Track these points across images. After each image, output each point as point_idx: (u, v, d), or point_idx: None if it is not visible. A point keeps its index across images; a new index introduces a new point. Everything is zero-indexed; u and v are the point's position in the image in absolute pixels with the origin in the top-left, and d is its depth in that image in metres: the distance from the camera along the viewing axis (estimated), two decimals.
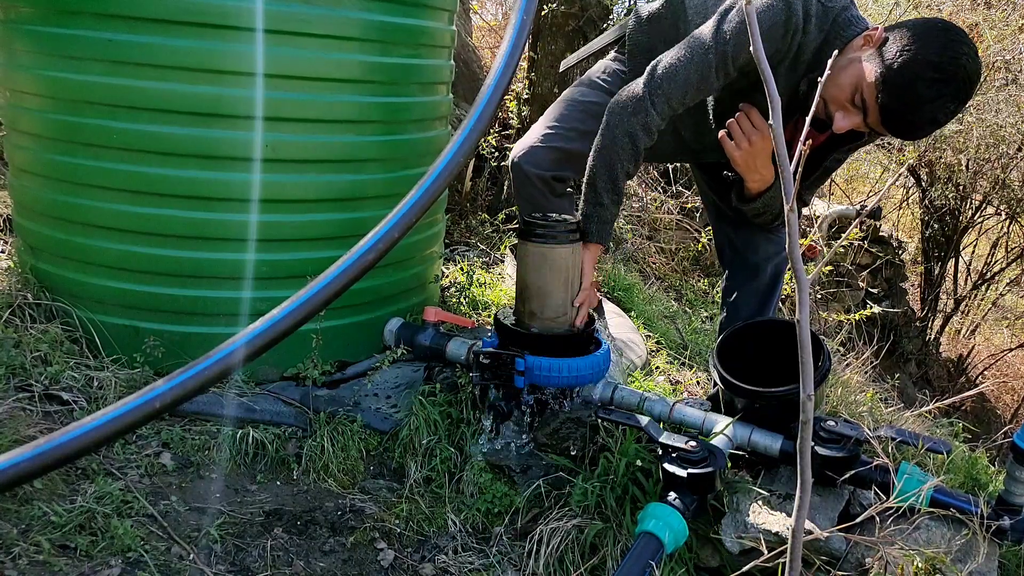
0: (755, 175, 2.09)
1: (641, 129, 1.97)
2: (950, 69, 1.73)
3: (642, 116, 1.96)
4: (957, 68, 1.73)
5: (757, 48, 1.02)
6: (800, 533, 1.11)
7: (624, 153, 1.99)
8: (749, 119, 2.02)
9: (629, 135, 1.97)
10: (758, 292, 2.39)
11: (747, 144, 2.03)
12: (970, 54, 1.74)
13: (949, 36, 1.75)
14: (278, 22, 1.99)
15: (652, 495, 1.80)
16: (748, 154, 2.05)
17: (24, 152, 2.22)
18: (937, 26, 1.78)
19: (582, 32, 4.39)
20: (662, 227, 4.71)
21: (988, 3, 5.87)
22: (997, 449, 3.12)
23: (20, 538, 1.59)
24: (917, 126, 1.83)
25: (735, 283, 2.44)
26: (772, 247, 2.35)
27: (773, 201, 2.16)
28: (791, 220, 1.02)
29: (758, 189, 2.12)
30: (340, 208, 2.24)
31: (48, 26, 2.03)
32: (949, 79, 1.73)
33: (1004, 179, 6.19)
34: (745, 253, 2.39)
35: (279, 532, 1.81)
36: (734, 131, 2.05)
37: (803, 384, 1.05)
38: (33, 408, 1.94)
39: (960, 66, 1.72)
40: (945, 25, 1.79)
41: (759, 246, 2.35)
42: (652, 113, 1.96)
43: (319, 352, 2.13)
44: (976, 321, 7.78)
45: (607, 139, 2.00)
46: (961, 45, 1.74)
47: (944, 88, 1.73)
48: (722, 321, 2.51)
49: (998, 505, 1.75)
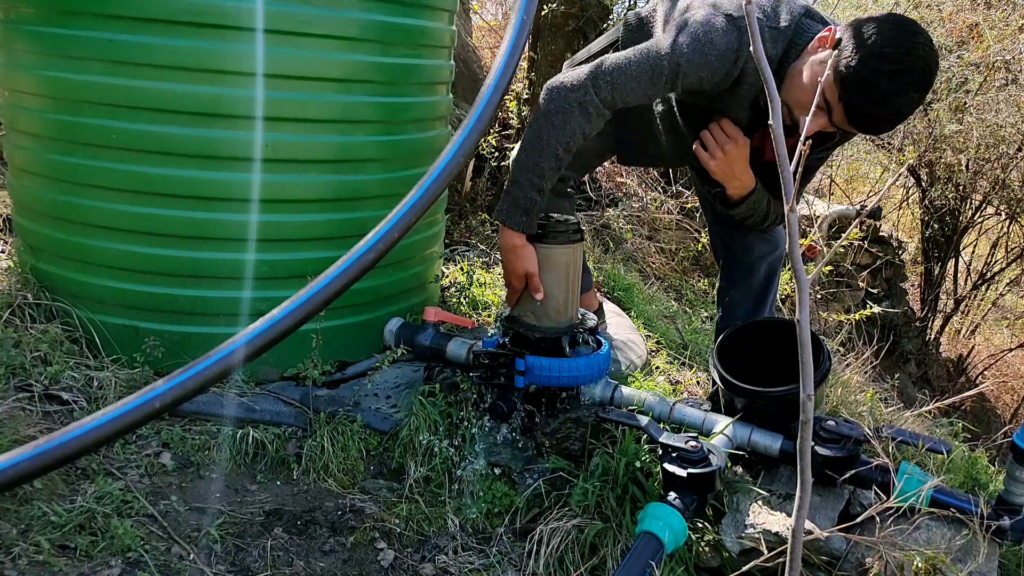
0: (734, 182, 2.11)
1: (578, 105, 1.89)
2: (907, 60, 1.73)
3: (580, 93, 1.89)
4: (914, 59, 1.73)
5: (757, 49, 1.02)
6: (800, 533, 1.11)
7: (559, 128, 1.90)
8: (722, 128, 2.04)
9: (563, 110, 1.90)
10: (753, 291, 2.39)
11: (721, 154, 2.05)
12: (925, 43, 1.75)
13: (902, 28, 1.76)
14: (278, 22, 1.98)
15: (652, 495, 1.80)
16: (724, 163, 2.06)
17: (24, 152, 2.22)
18: (889, 20, 1.79)
19: (582, 32, 4.39)
20: (662, 227, 4.70)
21: (988, 3, 5.87)
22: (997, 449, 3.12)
23: (20, 538, 1.59)
24: (883, 120, 1.84)
25: (730, 282, 2.44)
26: (766, 246, 2.35)
27: (757, 204, 2.16)
28: (791, 220, 1.02)
29: (740, 195, 2.13)
30: (340, 208, 2.24)
31: (48, 26, 2.03)
32: (908, 70, 1.74)
33: (1004, 179, 6.19)
34: (739, 252, 2.39)
35: (279, 532, 1.81)
36: (707, 142, 2.07)
37: (803, 384, 1.05)
38: (33, 408, 1.94)
39: (917, 56, 1.73)
40: (897, 18, 1.80)
41: (753, 246, 2.36)
42: (592, 94, 1.89)
43: (319, 352, 2.13)
44: (976, 321, 7.78)
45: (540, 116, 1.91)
46: (915, 36, 1.75)
47: (904, 79, 1.74)
48: (718, 321, 2.51)
49: (998, 505, 1.75)
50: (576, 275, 2.05)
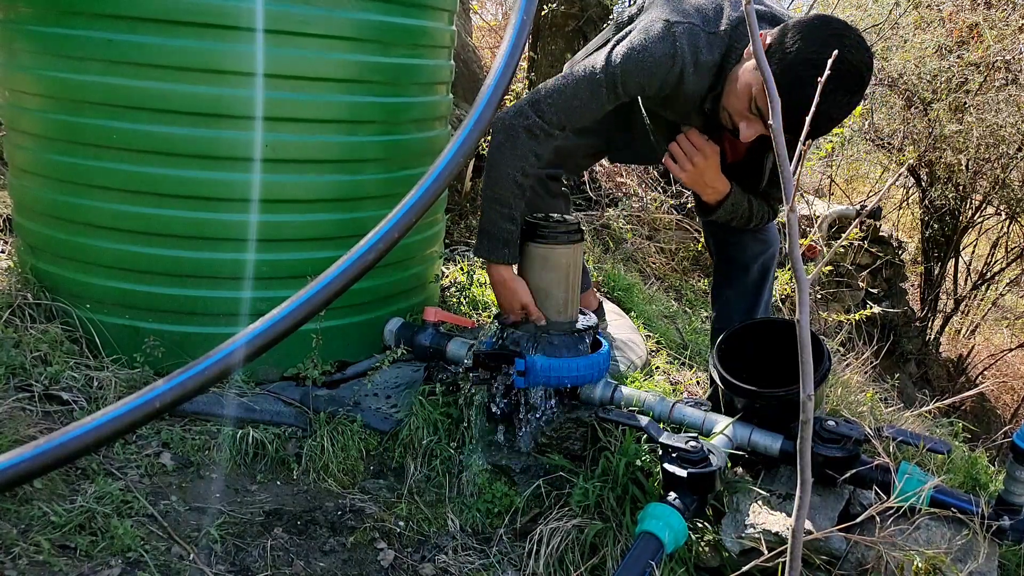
0: (708, 189, 2.11)
1: (524, 130, 1.95)
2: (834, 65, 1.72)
3: (523, 119, 1.95)
4: (839, 62, 1.71)
5: (757, 49, 1.02)
6: (800, 533, 1.11)
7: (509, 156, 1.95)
8: (690, 139, 2.04)
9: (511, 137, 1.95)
10: (748, 290, 2.39)
11: (690, 165, 2.05)
12: (852, 45, 1.73)
13: (828, 31, 1.75)
14: (278, 22, 1.98)
15: (652, 495, 1.80)
16: (694, 174, 2.07)
17: (24, 152, 2.22)
18: (814, 23, 1.77)
19: (582, 32, 4.39)
20: (662, 227, 4.71)
21: (988, 3, 5.87)
22: (997, 449, 3.13)
23: (20, 538, 1.59)
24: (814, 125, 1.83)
25: (725, 282, 2.44)
26: (759, 246, 2.35)
27: (737, 207, 2.16)
28: (791, 220, 1.02)
29: (716, 200, 2.13)
30: (340, 208, 2.24)
31: (48, 26, 2.03)
32: (834, 75, 1.72)
33: (1004, 179, 6.19)
34: (732, 252, 2.39)
35: (279, 532, 1.81)
36: (676, 154, 2.08)
37: (803, 384, 1.05)
38: (33, 408, 1.94)
39: (842, 59, 1.70)
40: (824, 20, 1.79)
41: (746, 245, 2.35)
42: (534, 118, 1.95)
43: (319, 352, 2.13)
44: (976, 321, 7.78)
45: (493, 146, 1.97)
46: (842, 38, 1.73)
47: (829, 84, 1.71)
48: (713, 320, 2.51)
49: (998, 505, 1.75)
50: (576, 275, 2.05)
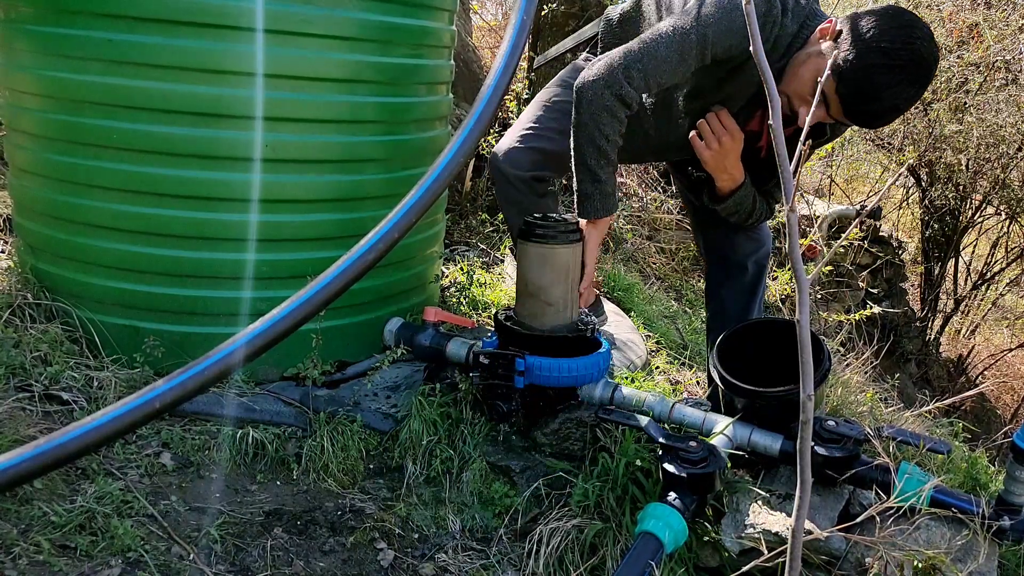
0: (725, 175, 2.10)
1: (617, 99, 1.94)
2: (903, 55, 1.72)
3: (616, 88, 1.93)
4: (910, 53, 1.72)
5: (757, 49, 1.02)
6: (800, 533, 1.11)
7: (606, 125, 1.96)
8: (719, 120, 2.04)
9: (606, 108, 1.94)
10: (743, 290, 2.39)
11: (717, 145, 2.05)
12: (923, 37, 1.74)
13: (900, 21, 1.75)
14: (278, 22, 1.98)
15: (652, 495, 1.80)
16: (718, 154, 2.06)
17: (24, 152, 2.22)
18: (888, 13, 1.78)
19: None
20: (662, 227, 4.71)
21: (988, 3, 5.87)
22: (997, 449, 3.13)
23: (20, 538, 1.59)
24: (879, 114, 1.83)
25: (719, 281, 2.44)
26: (752, 245, 2.35)
27: (744, 200, 2.16)
28: (791, 220, 1.02)
29: (729, 188, 2.13)
30: (340, 208, 2.24)
31: (48, 26, 2.02)
32: (904, 65, 1.73)
33: (1004, 179, 6.19)
34: (726, 251, 2.39)
35: (279, 532, 1.81)
36: (704, 131, 2.06)
37: (803, 384, 1.05)
38: (33, 408, 1.94)
39: (913, 51, 1.71)
40: (896, 11, 1.79)
41: (740, 244, 2.35)
42: (626, 86, 1.93)
43: (319, 352, 2.13)
44: (976, 321, 7.78)
45: (584, 116, 1.97)
46: (913, 29, 1.74)
47: (899, 74, 1.73)
48: (709, 320, 2.50)
49: (998, 505, 1.75)
50: (576, 275, 2.05)
